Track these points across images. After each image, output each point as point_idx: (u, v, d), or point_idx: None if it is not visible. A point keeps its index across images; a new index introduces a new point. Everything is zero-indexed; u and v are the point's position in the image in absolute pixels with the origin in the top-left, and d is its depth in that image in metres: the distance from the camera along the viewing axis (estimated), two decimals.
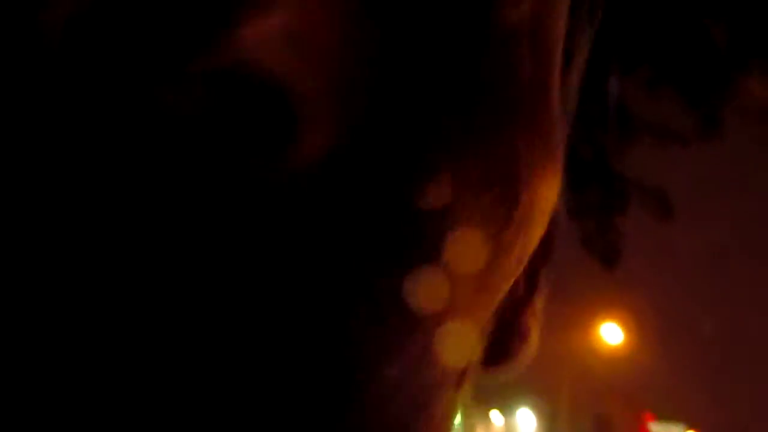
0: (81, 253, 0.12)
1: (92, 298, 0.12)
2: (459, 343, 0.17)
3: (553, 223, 0.24)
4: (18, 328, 0.11)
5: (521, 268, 0.19)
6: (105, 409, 0.12)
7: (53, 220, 0.12)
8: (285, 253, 0.13)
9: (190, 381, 0.13)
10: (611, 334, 15.13)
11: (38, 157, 0.11)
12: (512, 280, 0.19)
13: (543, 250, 0.24)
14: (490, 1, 0.16)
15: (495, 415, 21.17)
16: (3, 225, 0.11)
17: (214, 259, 0.12)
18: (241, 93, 0.12)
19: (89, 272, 0.12)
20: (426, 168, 0.14)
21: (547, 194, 0.18)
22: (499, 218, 0.17)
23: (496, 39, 0.16)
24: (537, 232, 0.19)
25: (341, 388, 0.14)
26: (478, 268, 0.16)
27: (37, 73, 0.11)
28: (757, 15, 3.38)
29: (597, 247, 4.38)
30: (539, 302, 0.24)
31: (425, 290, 0.14)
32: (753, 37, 3.54)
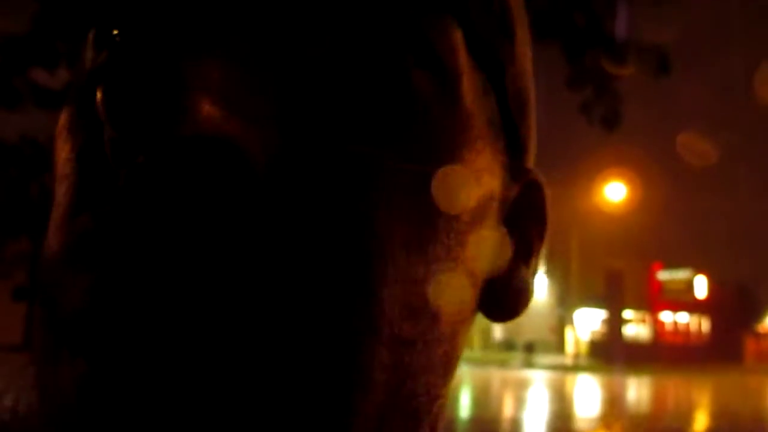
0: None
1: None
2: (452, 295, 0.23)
3: (544, 200, 0.29)
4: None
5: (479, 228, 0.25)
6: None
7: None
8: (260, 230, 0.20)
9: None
10: (614, 192, 15.21)
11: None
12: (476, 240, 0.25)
13: (536, 222, 0.28)
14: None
15: None
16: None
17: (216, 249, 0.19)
18: (199, 144, 0.19)
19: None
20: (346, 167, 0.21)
21: (473, 163, 0.24)
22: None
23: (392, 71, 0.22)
24: (478, 189, 0.24)
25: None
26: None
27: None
28: None
29: (596, 113, 4.37)
30: (536, 264, 0.28)
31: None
32: None
